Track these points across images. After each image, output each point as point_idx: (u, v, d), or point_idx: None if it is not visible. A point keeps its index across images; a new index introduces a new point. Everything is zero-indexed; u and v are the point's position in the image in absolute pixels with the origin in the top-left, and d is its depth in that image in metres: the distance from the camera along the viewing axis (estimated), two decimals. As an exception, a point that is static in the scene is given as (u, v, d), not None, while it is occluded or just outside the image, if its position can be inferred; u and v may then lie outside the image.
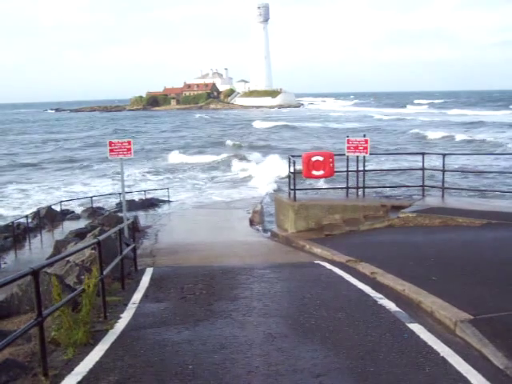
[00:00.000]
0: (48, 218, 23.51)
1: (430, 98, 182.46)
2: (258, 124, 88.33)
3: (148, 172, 42.44)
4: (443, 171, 15.61)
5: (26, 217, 21.21)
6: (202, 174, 41.46)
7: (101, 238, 7.98)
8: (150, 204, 26.96)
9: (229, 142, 61.94)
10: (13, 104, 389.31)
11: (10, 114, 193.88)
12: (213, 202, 27.14)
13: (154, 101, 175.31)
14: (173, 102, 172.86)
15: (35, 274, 5.32)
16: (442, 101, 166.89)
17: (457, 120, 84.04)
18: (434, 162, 24.75)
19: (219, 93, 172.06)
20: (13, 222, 19.80)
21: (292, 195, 15.34)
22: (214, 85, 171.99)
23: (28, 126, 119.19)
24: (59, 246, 15.66)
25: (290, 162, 15.65)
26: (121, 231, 9.79)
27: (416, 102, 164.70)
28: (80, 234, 17.03)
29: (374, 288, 8.69)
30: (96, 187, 35.89)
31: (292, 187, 15.28)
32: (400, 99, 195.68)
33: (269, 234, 17.08)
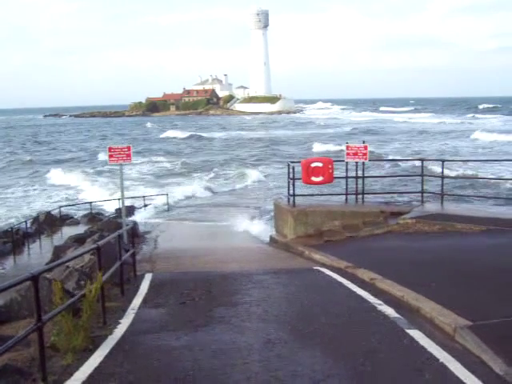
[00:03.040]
0: (47, 223, 23.49)
1: (414, 105, 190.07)
2: (169, 133, 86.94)
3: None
4: (442, 177, 15.64)
5: (25, 222, 21.20)
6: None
7: (100, 243, 7.99)
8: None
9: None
10: (10, 110, 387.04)
11: (15, 119, 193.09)
12: (212, 209, 27.16)
13: (153, 106, 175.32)
14: (172, 108, 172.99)
15: (35, 279, 5.33)
16: (413, 108, 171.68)
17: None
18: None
19: (219, 99, 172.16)
20: (12, 227, 19.79)
21: (291, 201, 15.36)
22: (213, 91, 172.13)
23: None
24: (58, 251, 15.63)
25: (289, 168, 15.67)
26: (120, 237, 9.79)
27: (381, 109, 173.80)
28: (79, 240, 17.00)
29: (373, 294, 8.69)
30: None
31: (291, 193, 15.29)
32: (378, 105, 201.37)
33: (268, 239, 17.07)
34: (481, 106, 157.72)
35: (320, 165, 15.06)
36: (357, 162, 15.74)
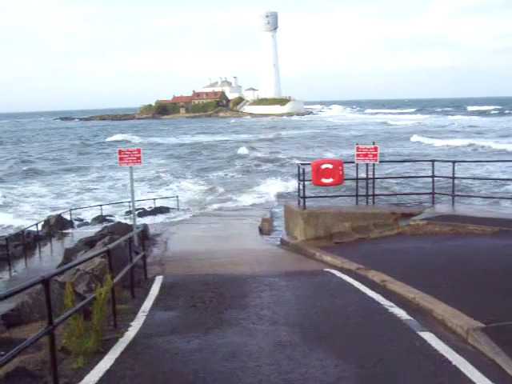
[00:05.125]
0: (58, 226, 23.60)
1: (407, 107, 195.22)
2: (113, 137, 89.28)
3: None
4: (453, 178, 15.52)
5: (36, 225, 21.29)
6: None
7: (111, 246, 7.99)
8: (160, 212, 27.02)
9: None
10: (21, 113, 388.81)
11: (30, 122, 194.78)
12: (222, 210, 27.17)
13: (163, 109, 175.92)
14: (182, 111, 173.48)
15: (46, 282, 5.33)
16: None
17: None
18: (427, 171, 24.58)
19: (228, 101, 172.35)
20: (23, 231, 19.88)
21: (301, 203, 15.31)
22: (223, 93, 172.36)
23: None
24: (69, 254, 15.70)
25: (299, 169, 15.63)
26: (131, 239, 9.80)
27: (367, 111, 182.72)
28: (90, 243, 17.05)
29: (384, 296, 8.64)
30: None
31: (301, 195, 15.25)
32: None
33: (278, 241, 17.04)
34: (469, 108, 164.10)
35: (330, 166, 15.01)
36: (367, 164, 15.67)
